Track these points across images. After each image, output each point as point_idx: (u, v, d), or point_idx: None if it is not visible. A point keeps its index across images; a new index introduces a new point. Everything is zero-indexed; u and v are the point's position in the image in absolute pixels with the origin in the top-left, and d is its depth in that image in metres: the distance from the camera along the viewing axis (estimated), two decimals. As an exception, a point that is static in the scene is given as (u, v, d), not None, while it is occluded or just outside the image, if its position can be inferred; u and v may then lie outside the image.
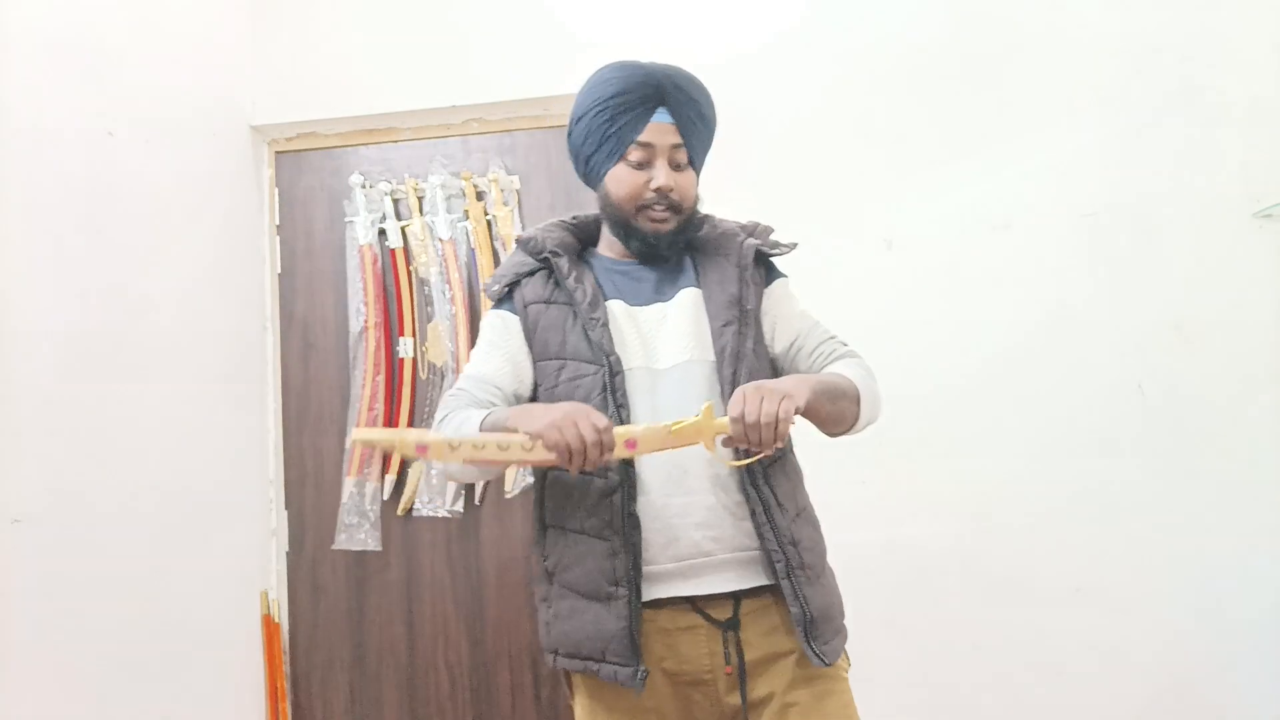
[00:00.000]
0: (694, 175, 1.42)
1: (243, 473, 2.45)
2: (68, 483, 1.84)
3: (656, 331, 1.38)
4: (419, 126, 2.57)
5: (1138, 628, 2.12)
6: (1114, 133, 2.21)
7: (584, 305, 1.36)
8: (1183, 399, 2.14)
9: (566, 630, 1.32)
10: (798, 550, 1.29)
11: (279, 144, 2.65)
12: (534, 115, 2.51)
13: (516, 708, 2.43)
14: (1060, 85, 2.24)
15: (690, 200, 1.41)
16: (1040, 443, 2.17)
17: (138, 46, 2.14)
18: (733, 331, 1.34)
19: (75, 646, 1.83)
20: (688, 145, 1.38)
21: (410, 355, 2.52)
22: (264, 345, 2.58)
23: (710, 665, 1.29)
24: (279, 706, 2.45)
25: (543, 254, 1.42)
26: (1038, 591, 2.15)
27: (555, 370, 1.36)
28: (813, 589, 1.29)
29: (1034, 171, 2.23)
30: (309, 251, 2.62)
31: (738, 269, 1.40)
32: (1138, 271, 2.18)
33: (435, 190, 2.52)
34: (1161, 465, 2.13)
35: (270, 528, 2.54)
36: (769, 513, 1.28)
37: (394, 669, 2.48)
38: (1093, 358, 2.17)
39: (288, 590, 2.54)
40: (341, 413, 2.54)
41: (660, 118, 1.36)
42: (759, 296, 1.42)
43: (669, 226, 1.38)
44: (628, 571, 1.25)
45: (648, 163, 1.36)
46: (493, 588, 2.46)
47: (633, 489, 1.27)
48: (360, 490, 2.50)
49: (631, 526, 1.26)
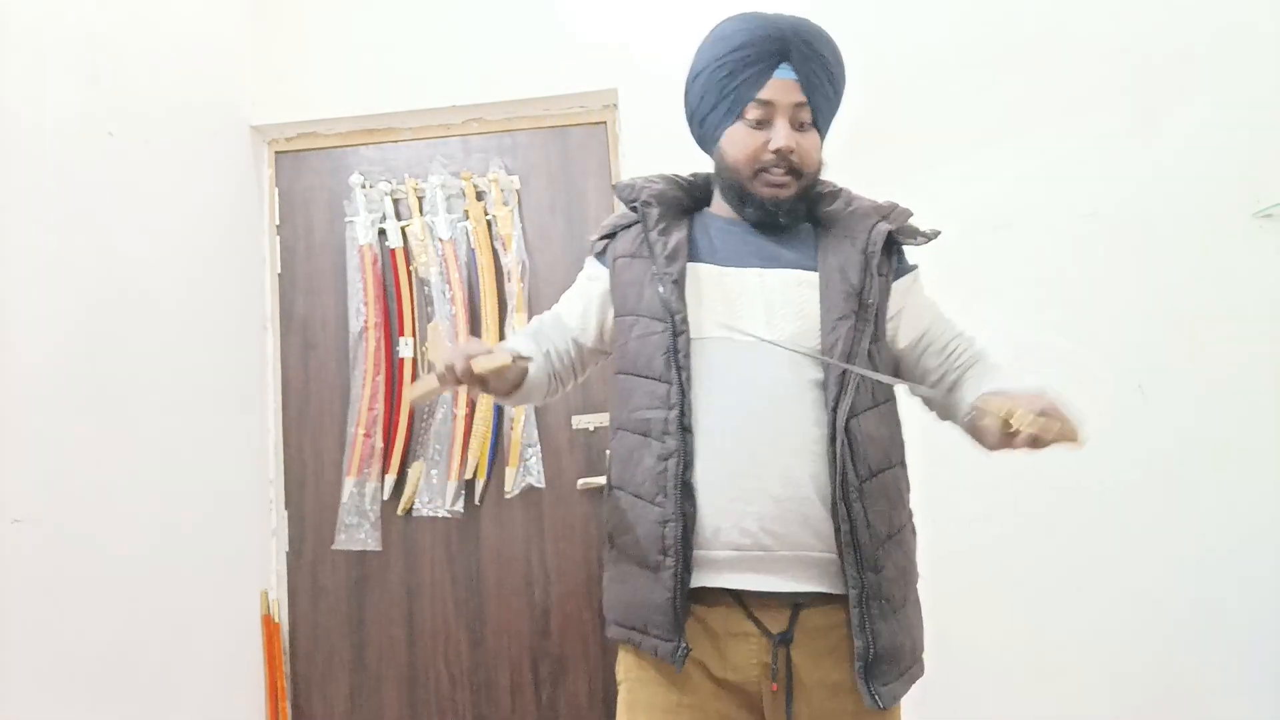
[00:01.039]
0: (818, 138, 1.30)
1: (243, 473, 2.45)
2: (68, 483, 1.84)
3: (748, 298, 1.26)
4: (419, 126, 2.57)
5: (1138, 628, 2.12)
6: (1114, 133, 2.21)
7: (661, 259, 1.27)
8: (1183, 399, 2.14)
9: (617, 595, 1.28)
10: (879, 579, 1.18)
11: (279, 144, 2.65)
12: (534, 115, 2.52)
13: (516, 708, 2.43)
14: (1060, 85, 2.24)
15: (813, 164, 1.30)
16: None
17: (137, 46, 2.14)
18: (848, 327, 1.22)
19: (75, 646, 1.82)
20: (812, 104, 1.27)
21: (410, 355, 2.52)
22: (264, 345, 2.58)
23: (758, 678, 1.20)
24: (279, 706, 2.45)
25: (635, 202, 1.34)
26: (1038, 591, 2.15)
27: (629, 326, 1.30)
28: (886, 623, 1.18)
29: (1034, 171, 2.23)
30: (309, 251, 2.62)
31: (863, 255, 1.26)
32: (1138, 271, 2.18)
33: (435, 190, 2.52)
34: (1161, 465, 2.13)
35: (270, 528, 2.54)
36: (855, 533, 1.17)
37: (394, 669, 2.48)
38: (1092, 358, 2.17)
39: (288, 590, 2.54)
40: (341, 413, 2.54)
41: (783, 74, 1.25)
42: (885, 290, 1.29)
43: (788, 192, 1.28)
44: (676, 541, 1.18)
45: (767, 122, 1.26)
46: (493, 588, 2.46)
47: (689, 456, 1.19)
48: (360, 490, 2.50)
49: (685, 495, 1.18)
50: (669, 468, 1.19)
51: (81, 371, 1.89)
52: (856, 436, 1.20)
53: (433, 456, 2.48)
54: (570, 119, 2.50)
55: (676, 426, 1.19)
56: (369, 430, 2.49)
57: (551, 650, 2.43)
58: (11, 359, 1.74)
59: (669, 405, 1.21)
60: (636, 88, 2.35)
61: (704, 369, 1.22)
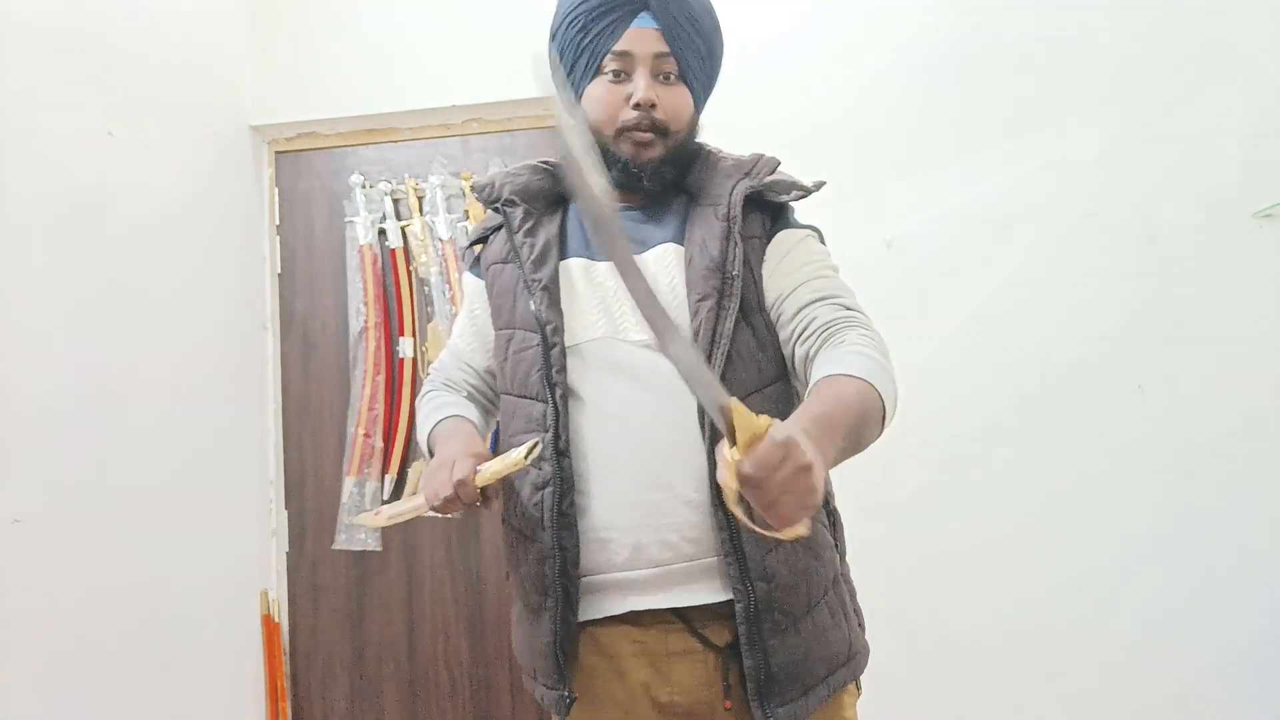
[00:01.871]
0: (687, 94, 1.16)
1: (243, 473, 2.45)
2: (68, 483, 1.84)
3: (619, 291, 1.11)
4: (419, 126, 2.57)
5: (1138, 628, 2.12)
6: (1114, 133, 2.21)
7: (528, 263, 1.14)
8: (1183, 399, 2.14)
9: (515, 637, 1.20)
10: (769, 588, 1.04)
11: (279, 144, 2.65)
12: (534, 115, 2.52)
13: (516, 708, 2.43)
14: (1060, 85, 2.24)
15: (682, 121, 1.16)
16: (1040, 442, 2.17)
17: (137, 46, 2.14)
18: (709, 308, 1.07)
19: (75, 646, 1.82)
20: (676, 55, 1.13)
21: (410, 355, 2.52)
22: (264, 345, 2.58)
23: (709, 697, 1.08)
24: (279, 706, 2.45)
25: (496, 202, 1.21)
26: (1038, 591, 2.15)
27: (506, 341, 1.18)
28: (782, 638, 1.05)
29: (1034, 171, 2.23)
30: (309, 251, 2.62)
31: (724, 223, 1.12)
32: (1138, 271, 2.18)
33: (435, 190, 2.52)
34: (1161, 465, 2.13)
35: (270, 528, 2.54)
36: (735, 538, 1.03)
37: (394, 669, 2.48)
38: (1093, 358, 2.17)
39: (288, 590, 2.54)
40: (341, 413, 2.54)
41: (642, 22, 1.13)
42: (756, 256, 1.13)
43: (654, 152, 1.14)
44: (556, 580, 1.07)
45: (627, 75, 1.14)
46: (493, 588, 2.46)
47: (567, 482, 1.07)
48: (360, 490, 2.50)
49: (563, 527, 1.07)
50: (544, 498, 1.08)
51: (82, 371, 1.89)
52: None
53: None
54: (570, 119, 2.50)
55: (551, 451, 1.07)
56: (369, 430, 2.49)
57: (551, 650, 2.43)
58: (12, 359, 1.74)
59: (544, 427, 1.09)
60: (636, 88, 2.35)
61: (583, 379, 1.10)
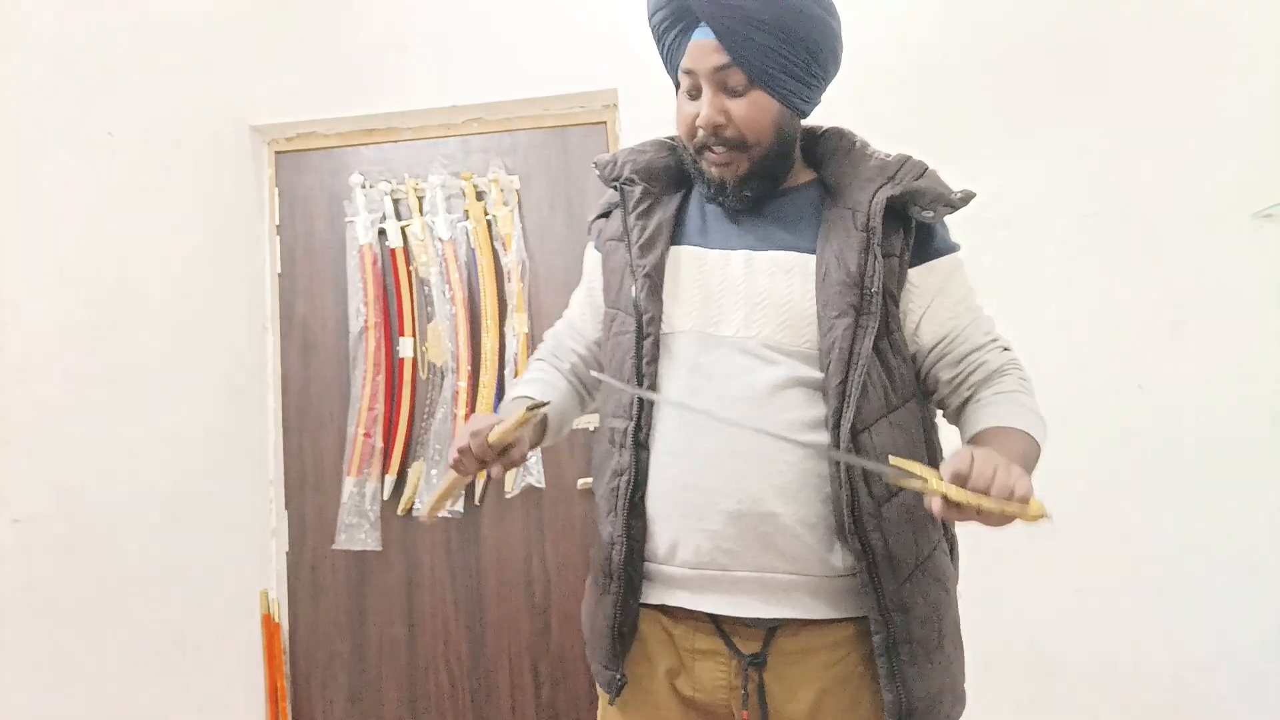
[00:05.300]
0: (764, 99, 1.07)
1: (243, 473, 2.45)
2: (68, 483, 1.84)
3: (725, 285, 1.09)
4: (419, 126, 2.57)
5: (1138, 627, 2.12)
6: (1114, 133, 2.21)
7: (635, 247, 1.12)
8: (1183, 399, 2.14)
9: (583, 610, 1.21)
10: (907, 620, 1.01)
11: (279, 144, 2.65)
12: (534, 115, 2.52)
13: (516, 708, 2.43)
14: (1061, 85, 2.24)
15: (760, 131, 1.08)
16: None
17: (138, 47, 2.14)
18: (846, 326, 1.02)
19: (75, 646, 1.83)
20: (739, 63, 1.05)
21: (410, 355, 2.52)
22: (264, 345, 2.58)
23: (726, 700, 1.08)
24: (279, 706, 2.45)
25: (617, 180, 1.18)
26: (1038, 591, 2.15)
27: (610, 320, 1.17)
28: (919, 668, 1.02)
29: (1034, 171, 2.23)
30: (309, 251, 2.62)
31: (863, 233, 1.04)
32: (1137, 271, 2.18)
33: (435, 190, 2.52)
34: (1161, 465, 2.13)
35: (270, 528, 2.54)
36: (874, 569, 1.00)
37: (394, 669, 2.48)
38: (1093, 358, 2.17)
39: (288, 590, 2.54)
40: (341, 413, 2.54)
41: (700, 35, 1.07)
42: (898, 274, 1.07)
43: (735, 170, 1.09)
44: (620, 566, 1.08)
45: (698, 91, 1.09)
46: (493, 588, 2.46)
47: (642, 473, 1.07)
48: (360, 490, 2.50)
49: (633, 515, 1.08)
50: (619, 486, 1.08)
51: (82, 371, 1.90)
52: (868, 454, 1.01)
53: (433, 456, 2.48)
54: (570, 119, 2.51)
55: (631, 441, 1.08)
56: (369, 430, 2.49)
57: (551, 650, 2.43)
58: (12, 359, 1.74)
59: (629, 416, 1.09)
60: (636, 88, 2.35)
61: (673, 371, 1.09)
